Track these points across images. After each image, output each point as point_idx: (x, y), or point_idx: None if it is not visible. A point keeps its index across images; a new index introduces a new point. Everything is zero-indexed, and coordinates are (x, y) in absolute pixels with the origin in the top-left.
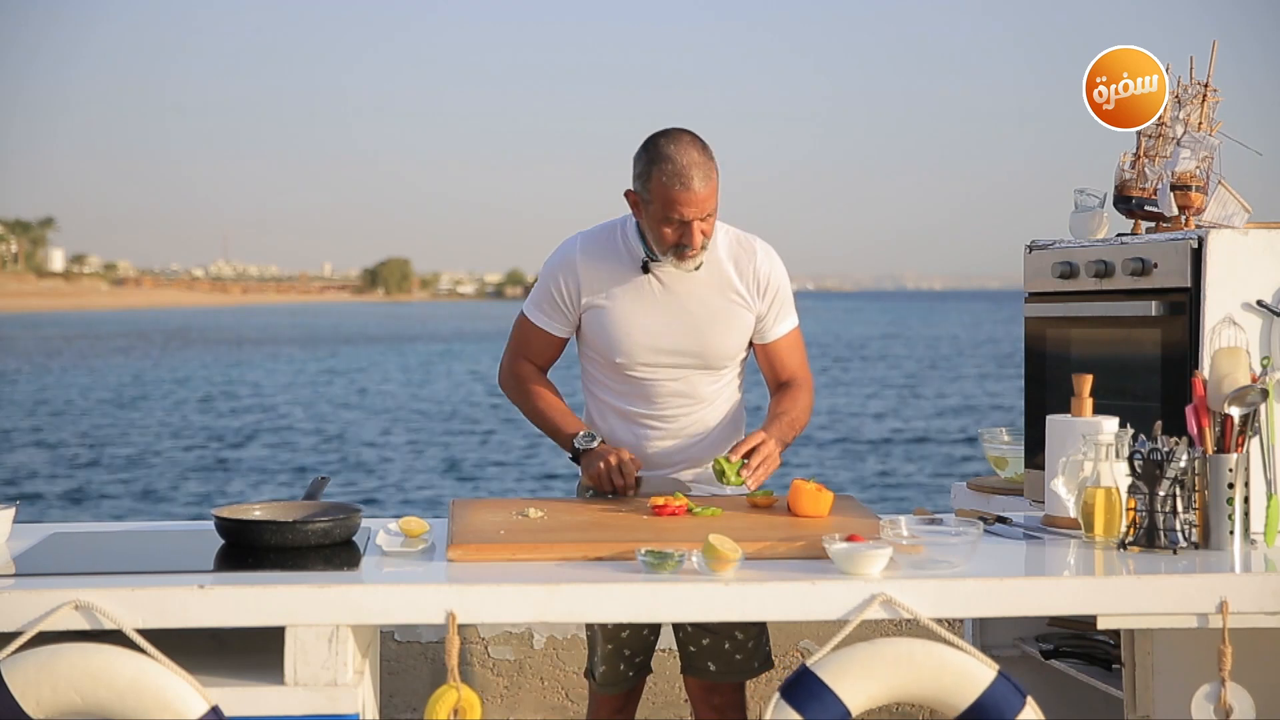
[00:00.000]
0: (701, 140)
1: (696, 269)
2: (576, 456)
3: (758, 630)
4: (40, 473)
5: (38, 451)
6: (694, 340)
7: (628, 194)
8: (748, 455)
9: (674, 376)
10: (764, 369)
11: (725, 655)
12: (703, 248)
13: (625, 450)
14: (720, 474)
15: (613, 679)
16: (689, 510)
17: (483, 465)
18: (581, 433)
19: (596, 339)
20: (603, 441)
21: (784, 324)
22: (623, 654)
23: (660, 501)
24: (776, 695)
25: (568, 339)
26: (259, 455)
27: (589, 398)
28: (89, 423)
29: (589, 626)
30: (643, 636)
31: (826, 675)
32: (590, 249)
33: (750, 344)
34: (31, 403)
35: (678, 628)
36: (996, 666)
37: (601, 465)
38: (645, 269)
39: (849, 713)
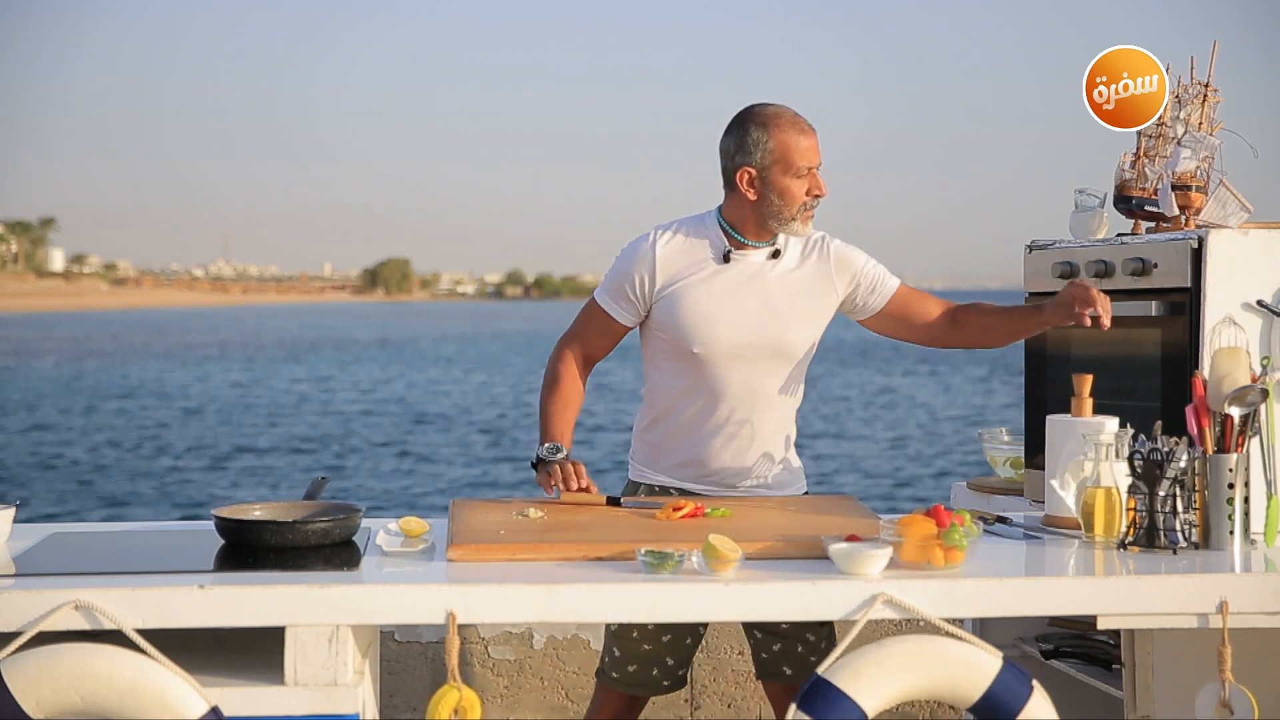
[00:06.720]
0: None
1: (775, 256)
2: (536, 463)
3: (828, 631)
4: (41, 471)
5: (39, 452)
6: (773, 327)
7: (740, 174)
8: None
9: (747, 369)
10: (904, 327)
11: (800, 658)
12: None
13: (582, 465)
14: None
15: (642, 680)
16: (705, 512)
17: (484, 467)
18: (549, 444)
19: (673, 328)
20: (567, 457)
21: (889, 281)
22: (664, 662)
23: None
24: (794, 708)
25: (629, 329)
26: (259, 457)
27: (649, 407)
28: (91, 423)
29: (607, 625)
30: (684, 645)
31: (840, 681)
32: (670, 238)
33: (858, 325)
34: (34, 402)
35: (749, 634)
36: (1001, 654)
37: (556, 470)
38: (726, 259)
39: (866, 716)
